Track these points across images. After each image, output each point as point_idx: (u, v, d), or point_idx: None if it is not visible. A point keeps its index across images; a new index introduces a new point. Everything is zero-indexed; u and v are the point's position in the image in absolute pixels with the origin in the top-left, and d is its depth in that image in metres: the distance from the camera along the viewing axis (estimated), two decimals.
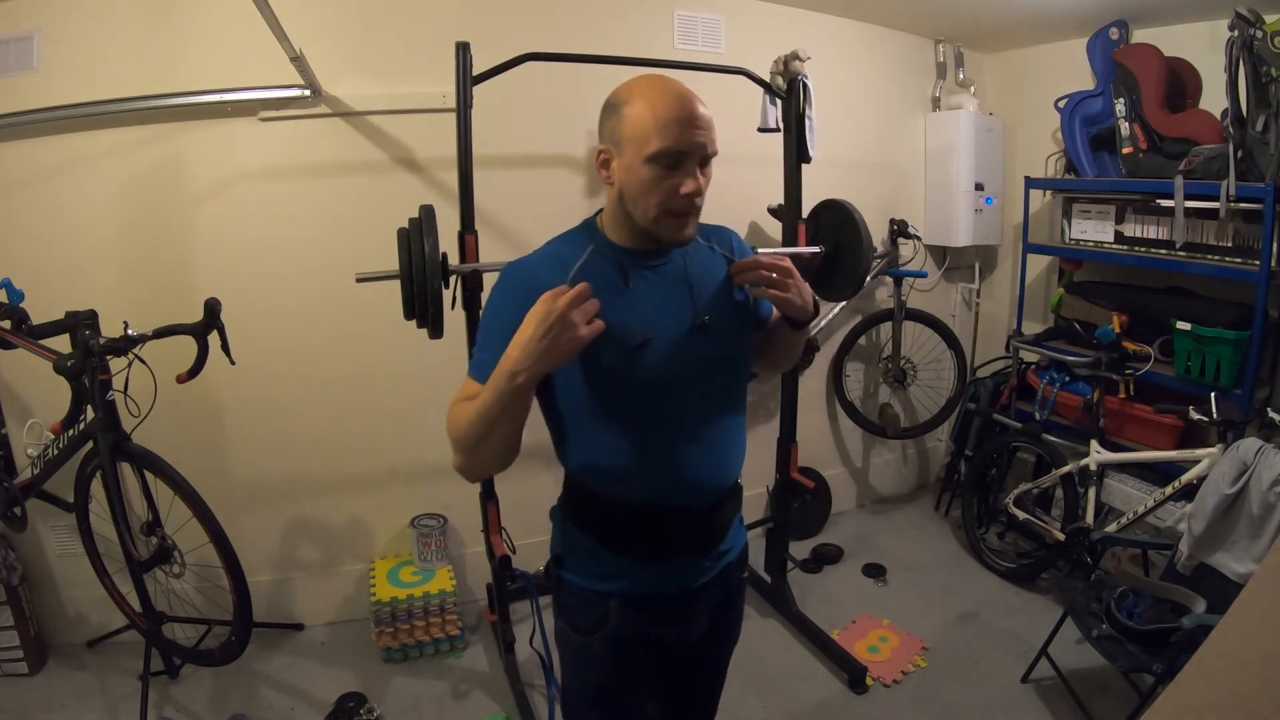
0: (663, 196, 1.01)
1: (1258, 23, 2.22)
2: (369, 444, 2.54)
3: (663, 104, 0.99)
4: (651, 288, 1.09)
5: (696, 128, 1.00)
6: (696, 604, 1.18)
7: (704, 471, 1.11)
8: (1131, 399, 2.63)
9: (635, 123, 1.00)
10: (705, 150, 1.02)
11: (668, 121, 0.98)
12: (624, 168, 1.03)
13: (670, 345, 1.07)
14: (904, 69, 3.26)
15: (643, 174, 1.00)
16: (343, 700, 2.12)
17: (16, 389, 2.28)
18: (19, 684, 2.23)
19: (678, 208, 1.02)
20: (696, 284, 1.12)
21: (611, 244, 1.09)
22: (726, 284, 1.15)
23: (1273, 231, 2.25)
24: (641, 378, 1.05)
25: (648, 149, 0.99)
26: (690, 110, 1.00)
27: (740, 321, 1.17)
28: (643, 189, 1.01)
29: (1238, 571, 1.89)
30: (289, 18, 1.86)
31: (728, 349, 1.13)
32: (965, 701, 2.17)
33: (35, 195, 2.19)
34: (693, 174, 1.01)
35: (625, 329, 1.04)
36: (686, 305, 1.10)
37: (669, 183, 1.00)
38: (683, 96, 1.01)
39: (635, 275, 1.08)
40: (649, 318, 1.06)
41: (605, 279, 1.05)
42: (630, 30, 2.64)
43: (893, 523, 3.35)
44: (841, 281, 2.43)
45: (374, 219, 2.22)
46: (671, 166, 1.00)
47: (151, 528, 2.03)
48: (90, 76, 2.12)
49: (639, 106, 1.00)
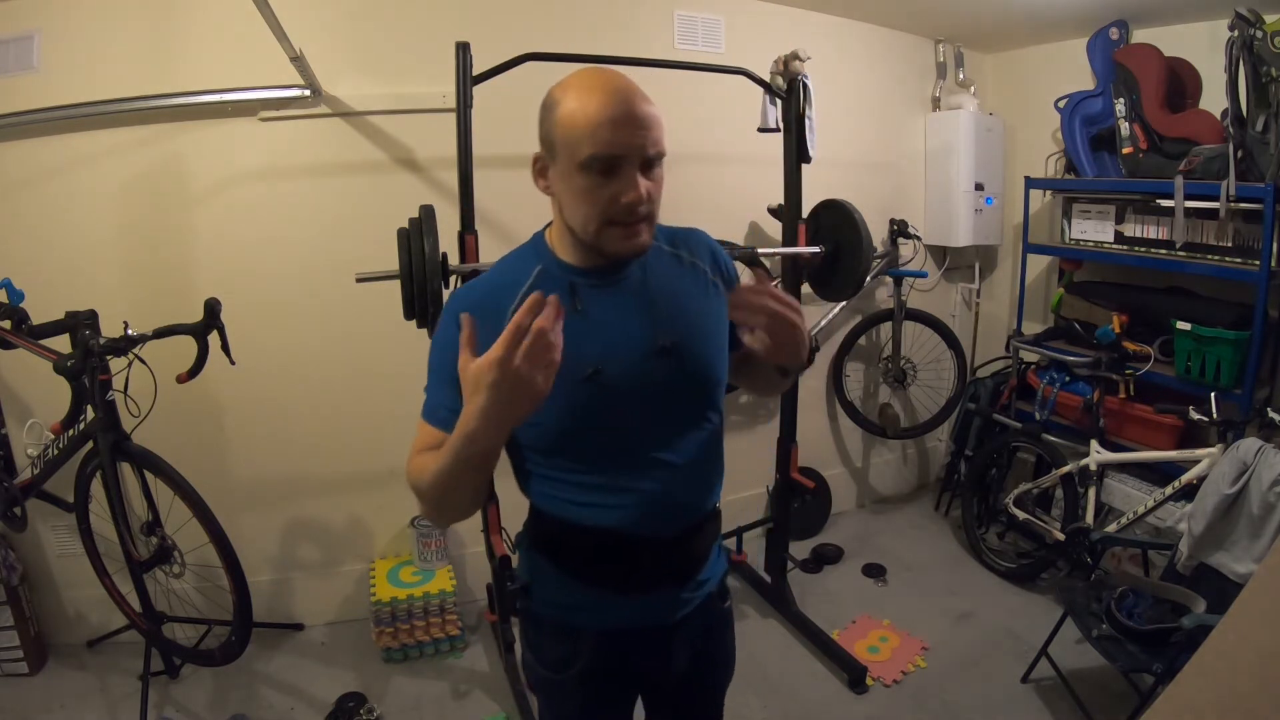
0: (601, 207, 0.90)
1: (1258, 23, 2.22)
2: (369, 444, 2.54)
3: (594, 101, 0.87)
4: (605, 309, 0.97)
5: (634, 127, 0.88)
6: (676, 638, 1.08)
7: (675, 500, 1.01)
8: (1131, 399, 2.63)
9: (566, 124, 0.88)
10: (645, 152, 0.89)
11: (600, 122, 0.86)
12: (559, 176, 0.92)
13: (625, 374, 0.95)
14: (904, 69, 3.26)
15: (577, 183, 0.89)
16: (343, 700, 2.12)
17: (16, 389, 2.28)
18: (19, 684, 2.23)
19: (620, 218, 0.91)
20: (659, 300, 1.00)
21: (560, 262, 0.99)
22: (697, 297, 1.03)
23: (1273, 231, 2.25)
24: (594, 411, 0.95)
25: (579, 154, 0.87)
26: (626, 107, 0.87)
27: (713, 339, 1.04)
28: (578, 199, 0.90)
29: (1238, 571, 1.89)
30: (289, 18, 1.86)
31: (696, 372, 1.01)
32: (965, 701, 2.17)
33: (35, 195, 2.19)
34: (633, 180, 0.89)
35: (574, 358, 0.90)
36: (646, 326, 0.98)
37: (606, 191, 0.89)
38: (618, 91, 0.88)
39: (587, 296, 0.97)
40: (601, 344, 0.95)
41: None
42: (630, 30, 2.63)
43: (893, 523, 3.34)
44: (841, 281, 2.43)
45: (374, 219, 2.22)
46: (608, 173, 0.88)
47: (151, 528, 2.03)
48: (90, 76, 2.12)
49: (569, 105, 0.88)
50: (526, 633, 1.12)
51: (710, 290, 1.06)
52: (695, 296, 1.04)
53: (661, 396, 0.98)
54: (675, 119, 3.04)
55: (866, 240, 2.32)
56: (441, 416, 0.94)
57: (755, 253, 2.64)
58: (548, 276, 0.98)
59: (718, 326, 1.05)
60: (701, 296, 1.04)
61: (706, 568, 1.10)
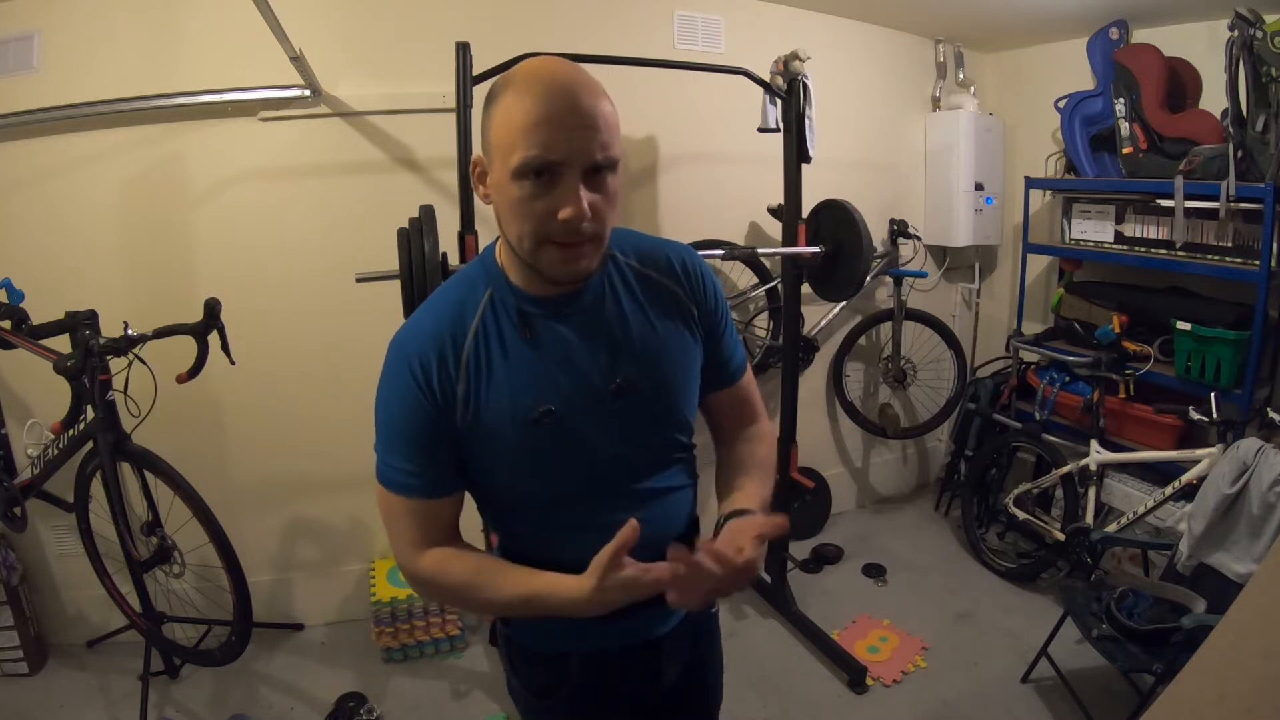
0: (536, 222, 0.77)
1: (1258, 23, 2.22)
2: (369, 444, 2.53)
3: (532, 96, 0.74)
4: (558, 343, 0.86)
5: (576, 127, 0.75)
6: (664, 652, 1.03)
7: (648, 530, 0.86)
8: (1131, 399, 2.63)
9: (501, 123, 0.76)
10: (590, 158, 0.76)
11: (536, 120, 0.74)
12: (493, 184, 0.80)
13: (579, 414, 0.86)
14: (904, 69, 3.26)
15: (511, 192, 0.77)
16: (343, 700, 2.12)
17: (16, 389, 2.28)
18: (19, 684, 2.23)
19: (558, 236, 0.78)
20: (621, 329, 0.89)
21: (511, 286, 0.87)
22: (665, 324, 0.92)
23: (1273, 231, 2.25)
24: (546, 453, 0.87)
25: (512, 159, 0.75)
26: (568, 102, 0.74)
27: (681, 372, 0.94)
28: (512, 212, 0.78)
29: (1238, 571, 1.89)
30: (289, 18, 1.86)
31: (659, 409, 0.92)
32: (965, 702, 2.17)
33: (35, 195, 2.19)
34: (574, 192, 0.76)
35: (523, 397, 0.84)
36: (603, 359, 0.88)
37: (542, 204, 0.76)
38: (561, 85, 0.75)
39: (538, 325, 0.86)
40: (553, 381, 0.86)
41: (502, 336, 0.85)
42: (630, 30, 2.63)
43: (893, 523, 3.34)
44: (841, 281, 2.42)
45: (374, 219, 2.22)
46: (545, 181, 0.76)
47: (151, 528, 2.03)
48: (90, 76, 2.12)
49: (507, 100, 0.76)
50: (511, 660, 1.06)
51: (675, 316, 0.94)
52: (665, 329, 0.92)
53: (622, 433, 0.90)
54: (675, 119, 3.05)
55: (866, 240, 2.32)
56: (404, 483, 0.86)
57: (755, 252, 2.64)
58: (497, 304, 0.87)
59: (683, 359, 0.94)
60: (664, 323, 0.92)
61: None
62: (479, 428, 0.86)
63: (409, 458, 0.86)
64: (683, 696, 1.11)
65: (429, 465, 0.87)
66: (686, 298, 0.95)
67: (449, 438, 0.87)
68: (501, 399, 0.86)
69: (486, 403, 0.86)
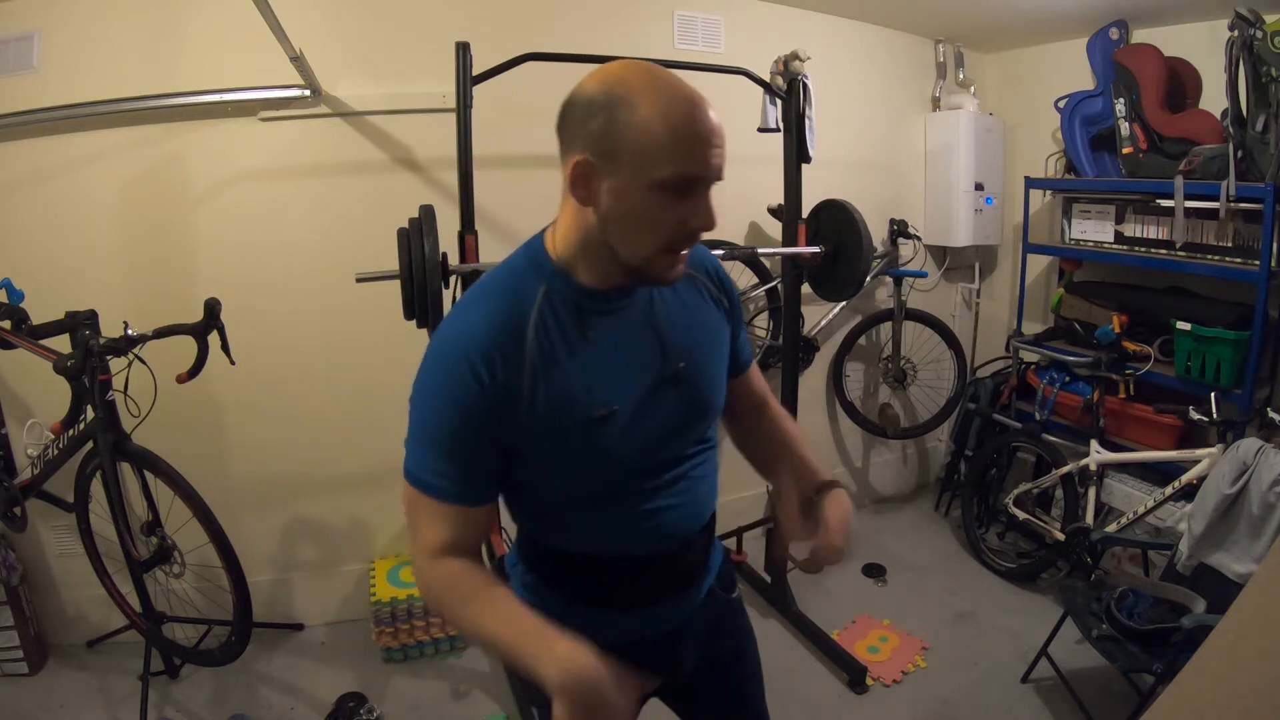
0: (668, 231, 0.81)
1: (1258, 23, 2.22)
2: (369, 443, 2.54)
3: (679, 113, 0.77)
4: (615, 338, 0.89)
5: (714, 145, 0.80)
6: (683, 640, 1.05)
7: (677, 520, 0.96)
8: (1131, 399, 2.63)
9: (642, 134, 0.77)
10: (720, 173, 0.81)
11: (687, 138, 0.77)
12: (616, 191, 0.80)
13: (638, 409, 0.89)
14: (904, 69, 3.26)
15: (645, 202, 0.79)
16: (343, 700, 2.12)
17: (16, 389, 2.28)
18: (19, 684, 2.23)
19: (680, 245, 0.83)
20: (666, 323, 0.92)
21: (570, 282, 0.87)
22: (702, 317, 0.97)
23: (1273, 231, 2.25)
24: (609, 449, 0.88)
25: (656, 172, 0.77)
26: (709, 123, 0.79)
27: (718, 363, 1.00)
28: (642, 221, 0.80)
29: (1238, 571, 1.89)
30: (289, 18, 1.86)
31: (702, 396, 0.96)
32: (965, 701, 2.17)
33: (35, 195, 2.19)
34: (706, 204, 0.81)
35: (584, 396, 0.85)
36: (656, 352, 0.91)
37: (675, 214, 0.80)
38: (698, 104, 0.80)
39: (596, 323, 0.87)
40: (613, 379, 0.88)
41: (562, 332, 0.86)
42: (630, 30, 2.63)
43: (893, 523, 3.34)
44: (841, 281, 2.42)
45: (374, 219, 2.22)
46: (681, 193, 0.79)
47: (151, 528, 2.03)
48: (90, 76, 2.12)
49: (645, 112, 0.77)
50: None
51: (713, 310, 1.00)
52: (704, 318, 0.98)
53: (666, 425, 0.92)
54: None
55: (866, 240, 2.32)
56: (438, 486, 0.84)
57: (755, 252, 2.64)
58: (555, 300, 0.86)
59: (721, 350, 1.00)
60: (708, 318, 0.98)
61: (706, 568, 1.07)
62: (538, 426, 0.85)
63: (450, 461, 0.84)
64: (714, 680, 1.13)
65: (470, 472, 0.86)
66: (720, 294, 1.02)
67: (497, 444, 0.86)
68: (566, 397, 0.85)
69: (550, 401, 0.85)
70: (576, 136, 0.81)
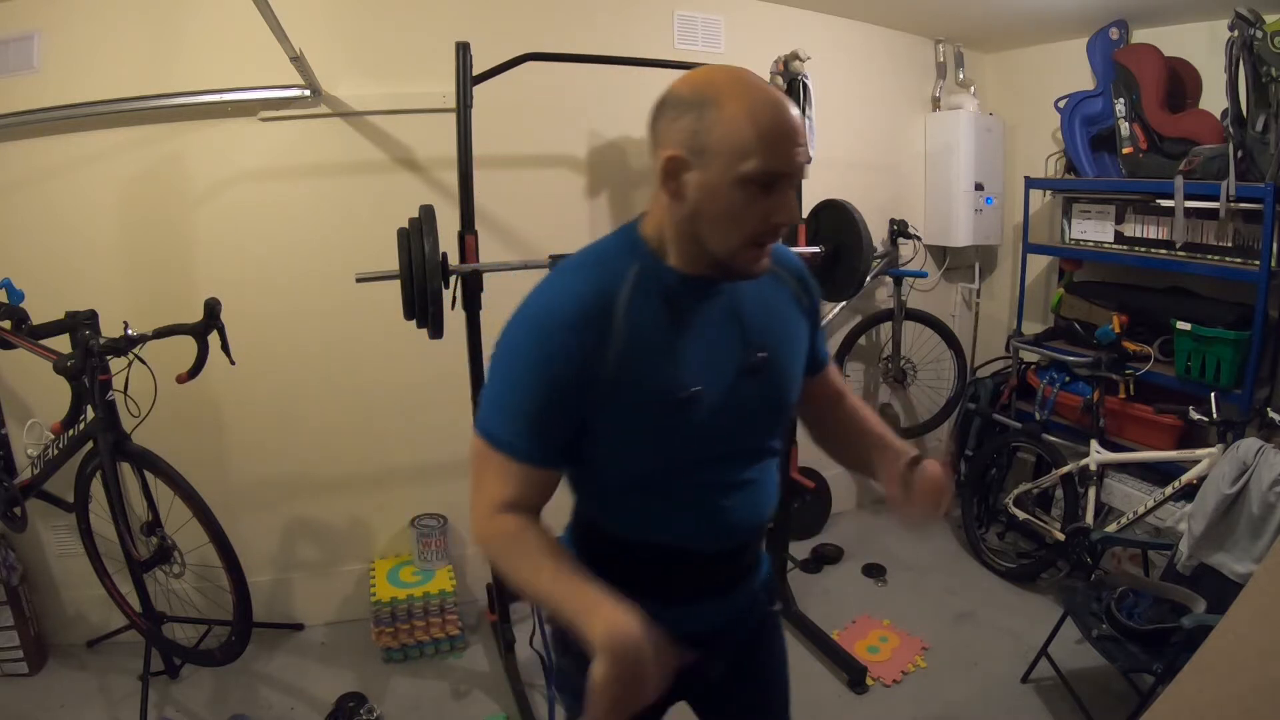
0: (753, 224, 0.85)
1: (1258, 23, 2.22)
2: (369, 444, 2.54)
3: (765, 112, 0.81)
4: (703, 324, 0.92)
5: (797, 144, 0.84)
6: (716, 644, 1.05)
7: (741, 516, 0.99)
8: (1131, 399, 2.63)
9: (730, 131, 0.81)
10: (801, 171, 0.86)
11: (772, 135, 0.81)
12: (704, 185, 0.84)
13: (721, 394, 0.92)
14: (904, 69, 3.26)
15: (731, 196, 0.83)
16: (343, 700, 2.12)
17: (16, 389, 2.28)
18: (19, 684, 2.23)
19: (764, 239, 0.87)
20: (748, 314, 0.96)
21: (662, 266, 0.91)
22: (786, 314, 1.01)
23: (1273, 231, 2.25)
24: (685, 433, 0.91)
25: (743, 167, 0.81)
26: (792, 122, 0.83)
27: (798, 360, 1.02)
28: (728, 214, 0.84)
29: (1238, 571, 1.89)
30: (289, 18, 1.86)
31: (779, 391, 0.99)
32: (965, 701, 2.17)
33: (35, 195, 2.19)
34: (788, 198, 0.85)
35: (669, 377, 0.88)
36: (737, 343, 0.94)
37: (759, 208, 0.84)
38: (783, 104, 0.83)
39: (684, 308, 0.91)
40: (700, 362, 0.90)
41: (651, 312, 0.89)
42: (630, 30, 2.63)
43: (892, 523, 3.34)
44: (842, 281, 2.43)
45: (374, 219, 2.22)
46: (765, 188, 0.83)
47: (151, 528, 2.03)
48: (90, 76, 2.12)
49: (733, 110, 0.81)
50: (563, 639, 1.03)
51: (797, 310, 1.03)
52: (785, 313, 1.00)
53: (743, 415, 0.95)
54: None
55: (866, 240, 2.32)
56: (511, 444, 0.87)
57: None
58: (647, 282, 0.90)
59: (799, 347, 1.03)
60: (789, 314, 1.01)
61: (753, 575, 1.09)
62: (618, 401, 0.88)
63: (526, 421, 0.87)
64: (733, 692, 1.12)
65: (544, 435, 0.88)
66: (802, 294, 1.04)
67: (575, 414, 0.88)
68: (651, 375, 0.88)
69: (633, 378, 0.87)
70: (667, 133, 0.85)
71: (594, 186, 2.66)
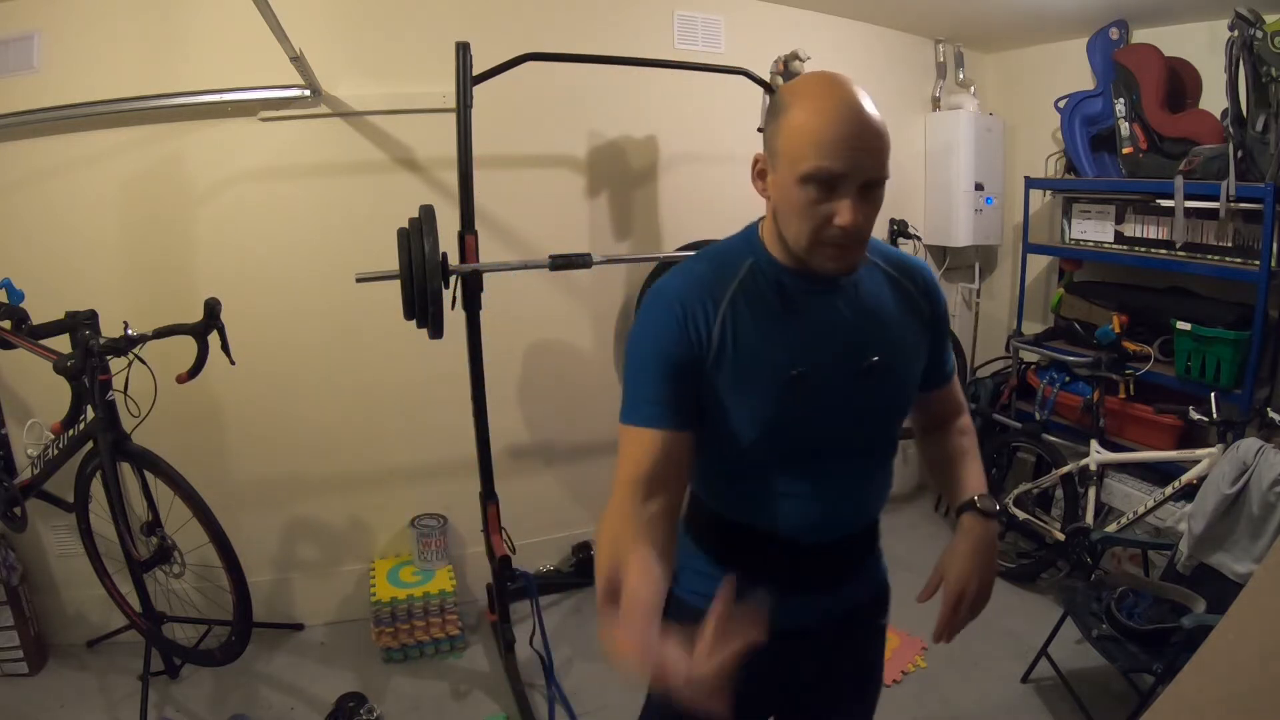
0: (815, 224, 0.87)
1: (1258, 23, 2.22)
2: (369, 444, 2.54)
3: (825, 114, 0.84)
4: (813, 316, 0.95)
5: (862, 147, 0.85)
6: (807, 644, 1.05)
7: (841, 512, 1.02)
8: (1131, 399, 2.63)
9: (792, 133, 0.86)
10: (870, 174, 0.86)
11: (829, 136, 0.83)
12: (777, 184, 0.90)
13: (826, 385, 0.94)
14: (904, 69, 3.26)
15: (794, 195, 0.87)
16: (343, 700, 2.12)
17: (16, 389, 2.28)
18: (19, 684, 2.23)
19: (831, 239, 0.88)
20: (868, 319, 0.98)
21: (773, 260, 0.96)
22: (908, 326, 1.02)
23: (1273, 231, 2.25)
24: (786, 419, 0.94)
25: (801, 167, 0.85)
26: (858, 124, 0.84)
27: (908, 367, 1.03)
28: (794, 213, 0.88)
29: (1238, 571, 1.89)
30: (289, 18, 1.86)
31: (888, 394, 1.00)
32: (965, 701, 2.17)
33: (35, 195, 2.19)
34: (850, 202, 0.85)
35: (781, 356, 0.93)
36: (852, 340, 0.96)
37: (822, 209, 0.86)
38: (851, 106, 0.85)
39: (797, 299, 0.95)
40: (806, 349, 0.94)
41: (761, 300, 0.94)
42: (630, 30, 2.63)
43: (893, 523, 3.33)
44: None
45: (374, 219, 2.22)
46: (828, 189, 0.85)
47: (151, 528, 2.03)
48: (90, 76, 2.12)
49: (798, 114, 0.85)
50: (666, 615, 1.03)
51: (912, 318, 1.03)
52: (906, 325, 1.02)
53: (854, 413, 0.97)
54: (675, 119, 3.04)
55: None
56: (646, 413, 0.91)
57: None
58: (758, 272, 0.96)
59: (913, 356, 1.04)
60: (906, 321, 1.02)
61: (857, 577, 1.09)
62: (726, 374, 0.92)
63: (657, 386, 0.91)
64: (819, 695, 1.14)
65: (672, 396, 0.92)
66: (924, 304, 1.05)
67: (693, 378, 0.93)
68: (755, 353, 0.92)
69: (739, 353, 0.92)
70: (764, 137, 0.93)
71: (594, 186, 2.66)
